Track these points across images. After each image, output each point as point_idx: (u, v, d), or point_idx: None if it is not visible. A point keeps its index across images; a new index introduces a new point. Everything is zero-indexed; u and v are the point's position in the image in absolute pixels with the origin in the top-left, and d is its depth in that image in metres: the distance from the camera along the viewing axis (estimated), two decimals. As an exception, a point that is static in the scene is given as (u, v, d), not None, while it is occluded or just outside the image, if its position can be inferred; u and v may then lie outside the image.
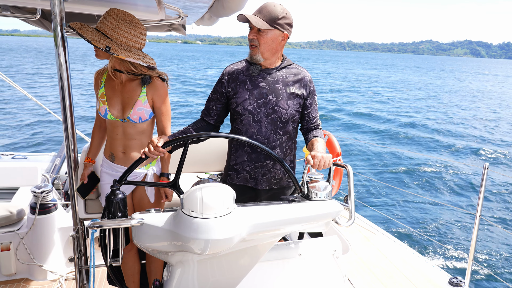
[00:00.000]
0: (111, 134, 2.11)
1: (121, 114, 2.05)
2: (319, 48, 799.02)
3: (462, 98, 31.62)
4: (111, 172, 2.14)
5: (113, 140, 2.11)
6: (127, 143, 2.10)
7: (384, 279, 2.80)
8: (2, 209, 3.02)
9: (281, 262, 1.54)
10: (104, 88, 2.07)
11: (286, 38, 1.94)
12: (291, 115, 2.00)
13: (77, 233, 2.41)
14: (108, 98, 2.04)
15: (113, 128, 2.09)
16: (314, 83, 2.10)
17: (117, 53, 1.85)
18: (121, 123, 2.06)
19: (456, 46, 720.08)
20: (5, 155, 4.65)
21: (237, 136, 1.63)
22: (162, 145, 1.63)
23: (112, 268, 1.56)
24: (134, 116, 2.03)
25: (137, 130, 2.09)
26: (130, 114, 2.02)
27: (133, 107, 2.02)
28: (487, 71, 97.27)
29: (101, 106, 2.05)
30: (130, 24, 1.92)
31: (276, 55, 1.98)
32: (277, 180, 2.07)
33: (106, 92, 2.06)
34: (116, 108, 2.04)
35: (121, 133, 2.08)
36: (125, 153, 2.11)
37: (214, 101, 2.07)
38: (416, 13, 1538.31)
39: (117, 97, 2.05)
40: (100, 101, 2.06)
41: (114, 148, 2.11)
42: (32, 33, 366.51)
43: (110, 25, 1.88)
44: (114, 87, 2.06)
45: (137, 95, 2.03)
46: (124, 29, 1.90)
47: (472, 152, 13.50)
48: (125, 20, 1.91)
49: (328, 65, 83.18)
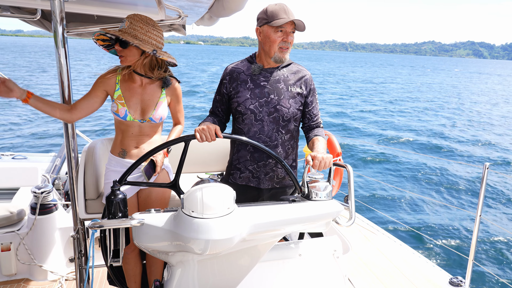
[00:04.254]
0: (124, 132, 2.13)
1: (141, 115, 2.09)
2: (321, 49, 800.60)
3: (465, 99, 31.65)
4: (120, 169, 2.14)
5: (126, 138, 2.14)
6: (140, 139, 2.15)
7: (384, 279, 2.80)
8: (2, 210, 3.02)
9: (281, 262, 1.54)
10: (120, 90, 2.08)
11: None
12: (293, 113, 2.01)
13: (77, 233, 2.41)
14: (126, 100, 2.07)
15: (128, 127, 2.12)
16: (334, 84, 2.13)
17: (162, 56, 1.99)
18: (139, 123, 2.11)
19: (458, 47, 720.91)
20: (5, 155, 4.65)
21: (249, 140, 1.67)
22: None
23: (113, 268, 1.56)
24: (156, 117, 2.11)
25: (152, 129, 2.16)
26: (152, 115, 2.09)
27: (155, 108, 2.10)
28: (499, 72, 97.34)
29: (119, 108, 2.06)
30: (154, 27, 2.02)
31: None
32: (279, 179, 2.08)
33: (123, 94, 2.08)
34: (136, 109, 2.08)
35: (136, 131, 2.13)
36: (137, 147, 2.15)
37: (219, 102, 2.12)
38: (419, 14, 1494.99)
39: (137, 99, 2.08)
40: (117, 103, 2.07)
41: (127, 145, 2.14)
42: (36, 33, 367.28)
43: (140, 30, 1.96)
44: (132, 89, 2.09)
45: (157, 97, 2.11)
46: (152, 32, 2.00)
47: (472, 152, 13.51)
48: (150, 24, 2.00)
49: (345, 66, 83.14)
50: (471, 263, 2.80)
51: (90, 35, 2.93)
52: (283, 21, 1.87)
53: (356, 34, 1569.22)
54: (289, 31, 1.93)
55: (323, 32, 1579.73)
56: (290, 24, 1.92)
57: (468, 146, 14.46)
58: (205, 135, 1.69)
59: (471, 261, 2.80)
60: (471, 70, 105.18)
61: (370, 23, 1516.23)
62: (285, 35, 1.93)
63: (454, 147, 14.13)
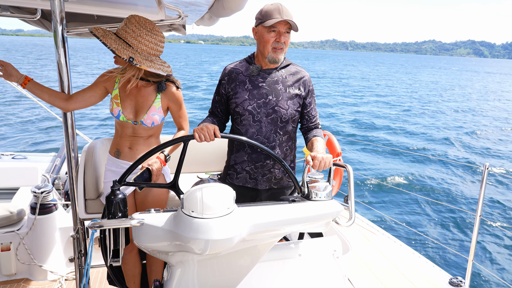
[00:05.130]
0: (120, 132, 2.14)
1: (134, 117, 2.08)
2: (322, 48, 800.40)
3: (467, 97, 31.68)
4: (115, 169, 2.15)
5: (121, 138, 2.13)
6: (134, 141, 2.13)
7: (384, 279, 2.80)
8: (2, 209, 3.02)
9: (281, 262, 1.54)
10: (118, 89, 2.08)
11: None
12: (291, 115, 2.00)
13: (77, 233, 2.41)
14: (122, 100, 2.07)
15: (123, 128, 2.11)
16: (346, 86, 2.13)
17: (140, 64, 1.88)
18: (132, 125, 2.09)
19: (459, 46, 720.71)
20: (5, 155, 4.65)
21: (248, 139, 1.66)
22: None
23: (112, 268, 1.56)
24: (147, 121, 2.06)
25: (147, 132, 2.13)
26: (143, 119, 2.06)
27: (147, 112, 2.05)
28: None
29: (114, 107, 2.07)
30: (151, 33, 1.94)
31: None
32: (277, 180, 2.07)
33: (120, 94, 2.07)
34: (129, 111, 2.07)
35: (130, 132, 2.12)
36: (131, 148, 2.13)
37: (218, 102, 2.11)
38: (419, 13, 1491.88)
39: (131, 100, 2.07)
40: (113, 102, 2.07)
41: (121, 145, 2.14)
42: (36, 33, 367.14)
43: (132, 33, 1.91)
44: (128, 90, 2.08)
45: (151, 101, 2.07)
46: (145, 37, 1.92)
47: (472, 152, 13.50)
48: (146, 28, 1.93)
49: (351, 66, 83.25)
50: (471, 263, 2.80)
51: (90, 35, 2.94)
52: (274, 21, 1.84)
53: (357, 33, 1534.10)
54: (282, 31, 1.89)
55: (324, 31, 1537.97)
56: (284, 24, 1.87)
57: (468, 146, 14.46)
58: (204, 135, 1.67)
59: (471, 261, 2.80)
60: (467, 68, 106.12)
61: (371, 22, 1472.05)
62: (278, 35, 1.89)
63: (454, 147, 14.13)
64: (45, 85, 2.09)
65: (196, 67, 54.09)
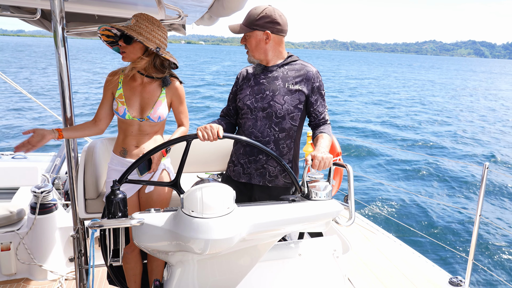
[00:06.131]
0: (125, 131, 2.16)
1: (140, 114, 2.12)
2: (322, 48, 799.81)
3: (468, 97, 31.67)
4: (120, 168, 2.16)
5: (127, 137, 2.16)
6: (140, 139, 2.17)
7: (384, 279, 2.80)
8: (2, 209, 3.02)
9: (281, 262, 1.54)
10: (122, 89, 2.12)
11: (270, 36, 1.96)
12: (287, 110, 2.00)
13: (77, 233, 2.41)
14: (126, 98, 2.10)
15: (129, 126, 2.14)
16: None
17: (165, 54, 2.03)
18: (138, 122, 2.13)
19: (459, 46, 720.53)
20: (5, 155, 4.65)
21: (248, 139, 1.67)
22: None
23: (113, 268, 1.56)
24: (154, 116, 2.11)
25: (152, 128, 2.17)
26: (150, 114, 2.10)
27: (154, 107, 2.11)
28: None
29: (119, 106, 2.09)
30: (159, 27, 2.05)
31: (269, 53, 2.02)
32: (272, 178, 2.07)
33: (124, 93, 2.11)
34: (135, 108, 2.10)
35: (136, 130, 2.15)
36: (138, 147, 2.16)
37: (230, 100, 2.20)
38: (420, 13, 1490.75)
39: (136, 98, 2.11)
40: (118, 101, 2.10)
41: (127, 144, 2.16)
42: (37, 33, 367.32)
43: (146, 28, 1.99)
44: (133, 88, 2.12)
45: (157, 96, 2.13)
46: (157, 32, 2.03)
47: (472, 152, 13.50)
48: (155, 24, 2.04)
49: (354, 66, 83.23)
50: (471, 263, 2.80)
51: (90, 34, 2.93)
52: (230, 29, 2.03)
53: (357, 34, 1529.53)
54: (243, 34, 2.04)
55: (324, 31, 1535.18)
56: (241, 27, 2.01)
57: (468, 146, 14.46)
58: (207, 133, 1.69)
59: (471, 261, 2.80)
60: (465, 68, 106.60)
61: (371, 23, 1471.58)
62: (243, 39, 2.05)
63: (454, 147, 14.13)
64: (45, 87, 2.10)
65: (197, 67, 54.11)
